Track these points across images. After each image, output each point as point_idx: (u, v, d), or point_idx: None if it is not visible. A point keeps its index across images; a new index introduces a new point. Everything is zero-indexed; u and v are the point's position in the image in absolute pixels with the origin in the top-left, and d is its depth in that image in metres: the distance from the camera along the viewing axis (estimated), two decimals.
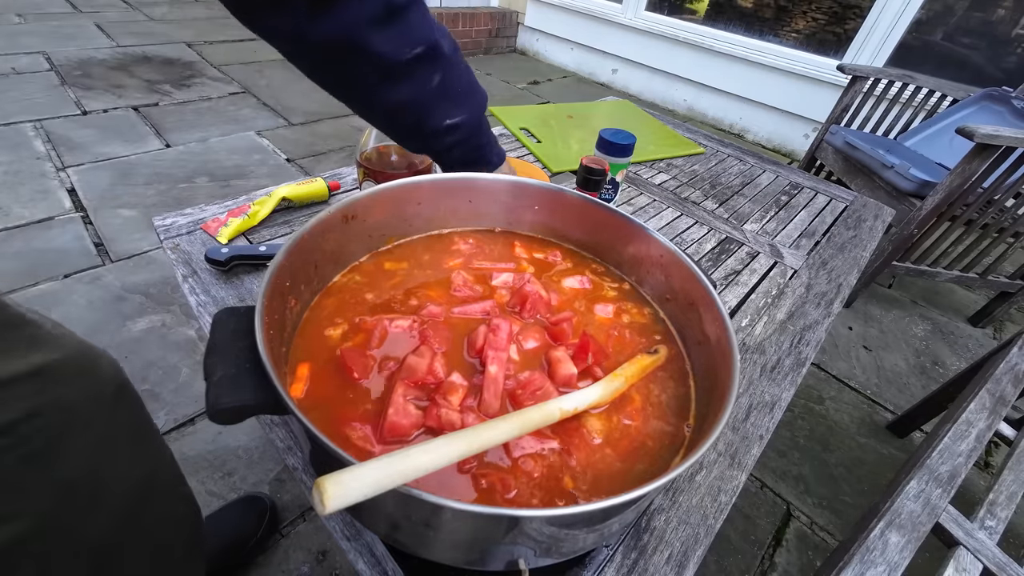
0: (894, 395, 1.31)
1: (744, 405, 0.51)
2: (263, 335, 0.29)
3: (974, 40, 2.13)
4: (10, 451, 0.31)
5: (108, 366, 0.41)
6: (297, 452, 0.41)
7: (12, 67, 2.10)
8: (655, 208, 0.85)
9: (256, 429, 0.96)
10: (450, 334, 0.41)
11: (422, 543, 0.30)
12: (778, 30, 2.58)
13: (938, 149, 1.67)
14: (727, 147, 1.15)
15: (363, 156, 0.58)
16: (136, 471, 0.42)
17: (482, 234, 0.54)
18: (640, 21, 2.93)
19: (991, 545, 0.59)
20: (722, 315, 0.38)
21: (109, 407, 0.39)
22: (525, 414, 0.31)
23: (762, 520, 0.96)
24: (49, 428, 0.33)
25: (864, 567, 0.53)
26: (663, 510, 0.41)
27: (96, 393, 0.38)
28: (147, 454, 0.45)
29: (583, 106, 1.25)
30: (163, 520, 0.47)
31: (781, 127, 2.68)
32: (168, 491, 0.49)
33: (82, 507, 0.36)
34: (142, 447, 0.45)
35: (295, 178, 0.99)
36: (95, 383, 0.38)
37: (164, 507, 0.47)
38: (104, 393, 0.39)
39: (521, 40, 3.63)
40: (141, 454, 0.44)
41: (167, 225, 0.61)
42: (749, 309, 0.66)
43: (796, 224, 0.88)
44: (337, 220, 0.42)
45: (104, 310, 1.15)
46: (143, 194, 1.52)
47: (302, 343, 0.39)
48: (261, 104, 2.17)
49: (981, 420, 0.73)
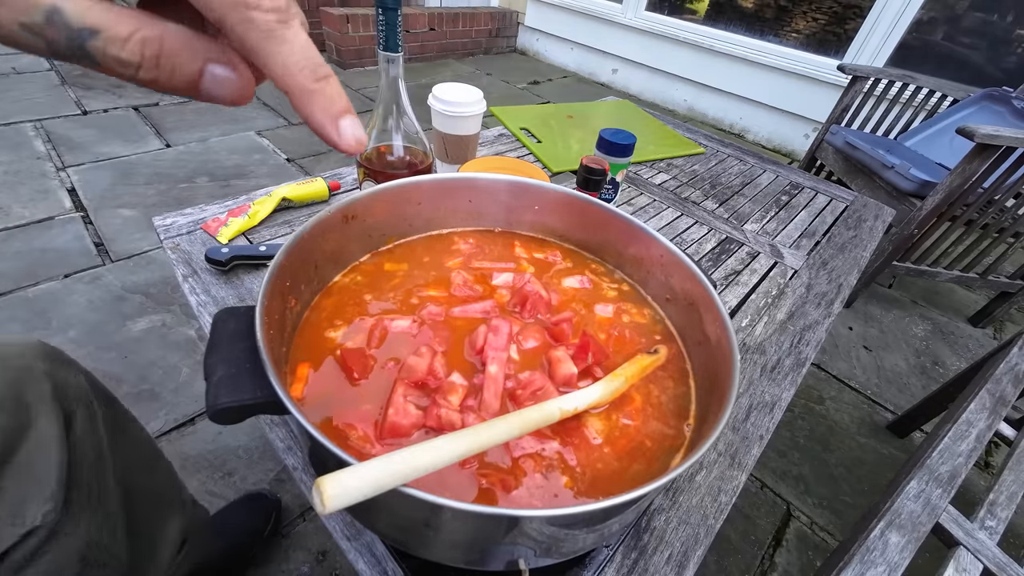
0: (894, 395, 1.31)
1: (744, 405, 0.51)
2: (263, 335, 0.29)
3: (974, 40, 2.13)
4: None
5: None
6: (297, 452, 0.41)
7: (12, 67, 2.10)
8: (655, 208, 0.85)
9: (256, 429, 0.96)
10: (450, 334, 0.41)
11: (422, 543, 0.30)
12: (778, 30, 2.58)
13: (938, 149, 1.67)
14: (727, 147, 1.15)
15: (363, 156, 0.58)
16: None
17: (482, 234, 0.54)
18: (640, 21, 2.93)
19: (991, 545, 0.59)
20: (722, 315, 0.38)
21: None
22: (525, 414, 0.31)
23: (762, 520, 0.96)
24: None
25: (864, 567, 0.53)
26: (663, 510, 0.41)
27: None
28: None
29: (583, 106, 1.25)
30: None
31: (781, 127, 2.68)
32: None
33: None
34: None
35: (295, 178, 0.99)
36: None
37: None
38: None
39: (521, 40, 3.63)
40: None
41: (167, 225, 0.61)
42: (749, 309, 0.66)
43: (796, 224, 0.88)
44: (337, 220, 0.42)
45: (104, 310, 1.15)
46: (143, 194, 1.53)
47: (302, 343, 0.39)
48: (261, 104, 2.17)
49: (981, 420, 0.73)
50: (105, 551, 0.38)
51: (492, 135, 1.01)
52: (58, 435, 0.35)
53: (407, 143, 0.58)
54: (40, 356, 0.37)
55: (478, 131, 0.76)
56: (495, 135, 1.01)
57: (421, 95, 0.80)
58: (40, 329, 1.08)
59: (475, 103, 0.71)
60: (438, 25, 3.04)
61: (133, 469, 0.45)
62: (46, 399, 0.36)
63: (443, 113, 0.71)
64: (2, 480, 0.31)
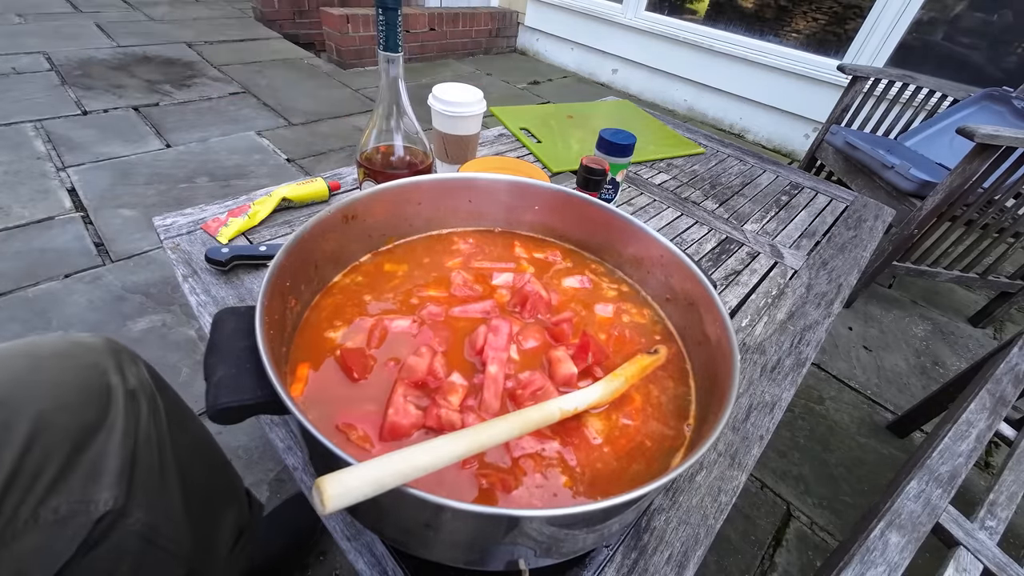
0: (894, 395, 1.31)
1: (744, 405, 0.51)
2: (263, 335, 0.29)
3: (974, 40, 2.13)
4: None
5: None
6: (297, 452, 0.41)
7: (12, 67, 2.10)
8: (655, 208, 0.85)
9: (256, 429, 0.96)
10: (450, 334, 0.41)
11: (422, 543, 0.30)
12: (778, 30, 2.58)
13: (938, 149, 1.67)
14: (727, 147, 1.15)
15: (363, 156, 0.58)
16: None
17: (482, 234, 0.54)
18: (640, 21, 2.93)
19: (991, 545, 0.59)
20: (722, 315, 0.38)
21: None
22: (525, 414, 0.31)
23: (762, 520, 0.96)
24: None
25: (864, 567, 0.53)
26: (663, 510, 0.41)
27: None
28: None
29: (583, 106, 1.25)
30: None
31: (781, 127, 2.68)
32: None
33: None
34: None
35: (295, 178, 0.99)
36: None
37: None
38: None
39: (521, 40, 3.63)
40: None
41: (167, 225, 0.61)
42: (749, 309, 0.66)
43: (796, 224, 0.88)
44: (337, 220, 0.42)
45: (104, 310, 1.15)
46: (143, 194, 1.52)
47: (302, 343, 0.39)
48: (261, 104, 2.17)
49: (981, 420, 0.73)
50: (165, 536, 0.40)
51: (492, 135, 1.01)
52: (125, 428, 0.37)
53: (407, 143, 0.58)
54: (109, 353, 0.39)
55: (478, 131, 0.76)
56: (495, 135, 1.01)
57: (421, 95, 0.80)
58: (40, 329, 1.08)
59: (475, 103, 0.71)
60: (438, 25, 3.04)
61: (190, 458, 0.47)
62: (117, 395, 0.38)
63: (443, 113, 0.71)
64: (76, 471, 0.34)
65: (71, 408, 0.35)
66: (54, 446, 0.33)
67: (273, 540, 0.74)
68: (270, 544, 0.74)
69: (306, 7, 3.00)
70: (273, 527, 0.76)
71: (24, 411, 0.32)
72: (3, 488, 0.30)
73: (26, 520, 0.31)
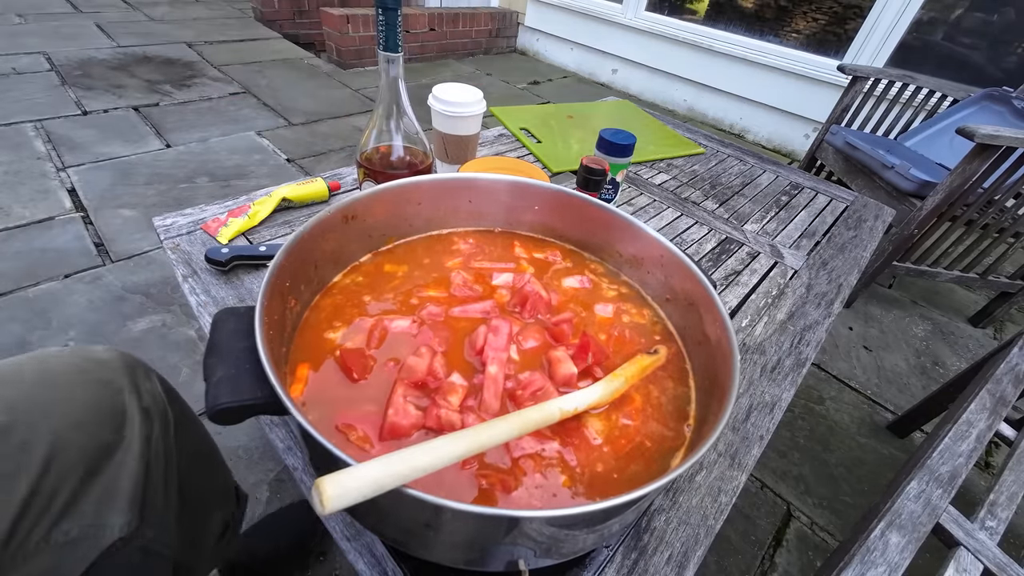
0: (894, 395, 1.31)
1: (744, 405, 0.51)
2: (263, 335, 0.29)
3: (974, 40, 2.13)
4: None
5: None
6: (297, 452, 0.41)
7: (12, 67, 2.10)
8: (655, 208, 0.85)
9: (256, 429, 0.96)
10: (450, 334, 0.41)
11: (422, 543, 0.30)
12: (778, 30, 2.58)
13: (938, 149, 1.67)
14: (727, 147, 1.15)
15: (363, 156, 0.58)
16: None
17: (482, 234, 0.54)
18: (640, 21, 2.93)
19: (992, 545, 0.59)
20: (722, 315, 0.38)
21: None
22: (525, 414, 0.31)
23: (762, 520, 0.96)
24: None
25: (864, 567, 0.53)
26: (663, 510, 0.41)
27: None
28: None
29: (583, 106, 1.25)
30: None
31: (781, 127, 2.68)
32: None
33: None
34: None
35: (295, 178, 0.99)
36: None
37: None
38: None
39: (521, 40, 3.63)
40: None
41: (167, 225, 0.61)
42: (749, 309, 0.66)
43: (796, 224, 0.88)
44: (337, 220, 0.42)
45: (104, 310, 1.15)
46: (143, 194, 1.52)
47: (302, 343, 0.39)
48: (261, 104, 2.17)
49: (981, 420, 0.73)
50: (162, 543, 0.40)
51: (492, 135, 1.01)
52: (140, 450, 0.36)
53: (407, 143, 0.58)
54: (123, 370, 0.38)
55: (478, 131, 0.76)
56: (495, 135, 1.01)
57: (421, 95, 0.80)
58: (40, 329, 1.08)
59: (475, 103, 0.71)
60: (438, 25, 3.04)
61: (190, 466, 0.46)
62: (133, 414, 0.37)
63: (443, 113, 0.71)
64: (89, 495, 0.33)
65: (85, 428, 0.34)
66: (69, 468, 0.32)
67: (274, 541, 0.74)
68: (271, 545, 0.74)
69: (306, 7, 3.00)
70: (274, 528, 0.76)
71: (40, 431, 0.31)
72: (20, 510, 0.29)
73: (38, 542, 0.30)
